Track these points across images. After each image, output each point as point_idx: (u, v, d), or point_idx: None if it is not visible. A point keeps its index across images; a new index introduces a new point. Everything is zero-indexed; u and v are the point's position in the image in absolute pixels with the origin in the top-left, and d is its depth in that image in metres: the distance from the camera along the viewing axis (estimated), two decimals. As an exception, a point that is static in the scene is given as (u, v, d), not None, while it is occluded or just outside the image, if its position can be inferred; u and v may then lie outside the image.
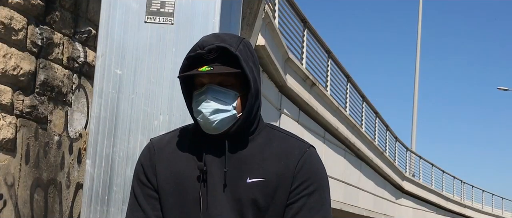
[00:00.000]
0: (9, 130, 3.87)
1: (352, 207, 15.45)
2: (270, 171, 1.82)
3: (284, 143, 1.87)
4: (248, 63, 1.81)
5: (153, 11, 3.37)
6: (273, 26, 9.04)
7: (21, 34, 3.98)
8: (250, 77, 1.80)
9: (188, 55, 1.82)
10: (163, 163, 1.87)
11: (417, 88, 28.51)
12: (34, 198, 4.13)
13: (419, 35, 28.72)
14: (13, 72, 3.91)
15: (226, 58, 1.80)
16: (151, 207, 1.87)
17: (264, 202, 1.81)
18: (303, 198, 1.83)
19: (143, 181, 1.89)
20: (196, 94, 1.83)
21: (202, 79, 1.82)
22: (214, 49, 1.79)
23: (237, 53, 1.79)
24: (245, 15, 6.22)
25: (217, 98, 1.80)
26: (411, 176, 23.60)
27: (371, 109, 18.78)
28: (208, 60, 1.79)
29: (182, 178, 1.84)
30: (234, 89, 1.82)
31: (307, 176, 1.84)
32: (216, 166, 1.82)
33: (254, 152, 1.84)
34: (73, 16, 4.52)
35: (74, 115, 4.56)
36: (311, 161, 1.86)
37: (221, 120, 1.80)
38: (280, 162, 1.84)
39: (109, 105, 3.39)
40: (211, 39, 1.82)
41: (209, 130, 1.82)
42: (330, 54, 14.14)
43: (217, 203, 1.81)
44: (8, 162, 3.88)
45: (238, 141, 1.84)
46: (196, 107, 1.82)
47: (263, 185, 1.81)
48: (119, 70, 3.39)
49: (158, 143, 1.92)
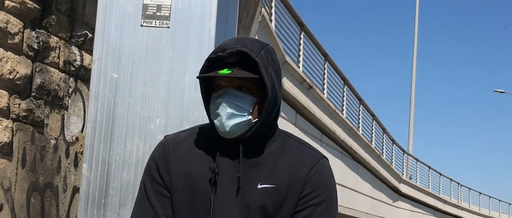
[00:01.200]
0: (5, 134, 3.87)
1: (350, 210, 15.45)
2: (281, 179, 1.83)
3: (298, 151, 1.88)
4: (267, 70, 1.81)
5: (149, 14, 3.37)
6: (269, 29, 9.05)
7: (17, 38, 3.97)
8: (268, 84, 1.80)
9: (209, 57, 1.82)
10: (177, 161, 1.87)
11: (413, 91, 28.56)
12: (31, 202, 4.13)
13: (416, 38, 28.78)
14: (9, 76, 3.91)
15: (247, 63, 1.80)
16: (161, 205, 1.86)
17: (273, 209, 1.81)
18: (311, 207, 1.83)
19: (156, 178, 1.89)
20: (214, 97, 1.83)
21: (220, 82, 1.83)
22: (235, 53, 1.79)
23: (257, 59, 1.79)
24: (241, 18, 6.22)
25: (233, 103, 1.80)
26: (408, 178, 23.62)
27: (368, 112, 18.79)
28: (228, 64, 1.80)
29: (194, 178, 1.84)
30: (252, 95, 1.83)
31: (316, 185, 1.84)
32: (229, 170, 1.82)
33: (267, 158, 1.85)
34: (70, 20, 4.52)
35: (71, 118, 4.55)
36: (322, 171, 1.87)
37: (236, 124, 1.80)
38: (292, 170, 1.84)
39: (106, 109, 3.38)
40: (233, 42, 1.82)
41: (224, 134, 1.82)
42: (327, 57, 14.16)
43: (226, 207, 1.81)
44: (4, 166, 3.87)
45: (253, 146, 1.84)
46: (213, 110, 1.82)
47: (273, 192, 1.82)
48: (116, 74, 3.39)
49: (173, 141, 1.92)
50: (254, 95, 1.83)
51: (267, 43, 1.89)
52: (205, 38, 3.36)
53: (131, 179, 3.32)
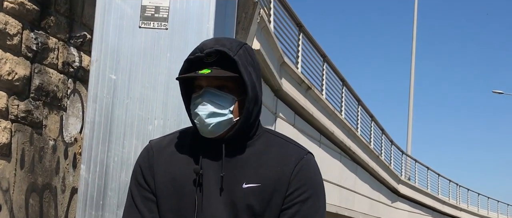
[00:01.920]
0: (4, 135, 3.88)
1: (348, 210, 15.46)
2: (266, 177, 1.82)
3: (282, 148, 1.87)
4: (247, 68, 1.81)
5: (147, 16, 3.38)
6: (268, 30, 9.06)
7: (16, 39, 3.98)
8: (248, 83, 1.80)
9: (188, 58, 1.82)
10: (162, 165, 1.87)
11: (412, 92, 28.57)
12: (29, 202, 4.13)
13: (414, 38, 28.80)
14: (8, 77, 3.91)
15: (226, 62, 1.80)
16: (148, 209, 1.87)
17: (260, 208, 1.81)
18: (297, 204, 1.82)
19: (141, 183, 1.89)
20: (194, 97, 1.84)
21: (200, 82, 1.83)
22: (213, 52, 1.79)
23: (236, 58, 1.79)
24: (240, 20, 6.23)
25: (214, 102, 1.80)
26: (406, 179, 23.63)
27: (367, 113, 18.80)
28: (207, 64, 1.80)
29: (179, 181, 1.84)
30: (232, 94, 1.83)
31: (302, 182, 1.83)
32: (213, 170, 1.82)
33: (251, 157, 1.84)
34: (68, 21, 4.52)
35: (69, 119, 4.56)
36: (307, 167, 1.86)
37: (217, 123, 1.80)
38: (277, 168, 1.83)
39: (104, 110, 3.39)
40: (211, 43, 1.83)
41: (205, 133, 1.82)
42: (326, 58, 14.17)
43: (212, 208, 1.81)
44: (3, 167, 3.88)
45: (236, 145, 1.84)
46: (193, 110, 1.82)
47: (259, 190, 1.81)
48: (114, 75, 3.40)
49: (157, 145, 1.92)
50: (234, 94, 1.83)
51: (245, 42, 1.89)
52: (204, 39, 3.36)
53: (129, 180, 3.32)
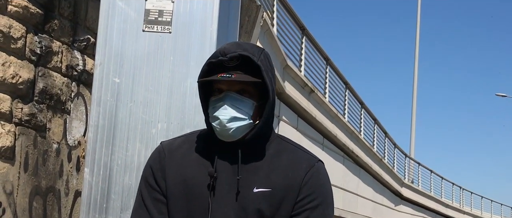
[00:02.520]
0: (8, 138, 3.89)
1: (351, 213, 15.44)
2: (277, 182, 1.84)
3: (293, 155, 1.89)
4: (268, 74, 1.83)
5: (151, 20, 3.39)
6: (271, 34, 9.07)
7: (20, 43, 3.99)
8: (269, 87, 1.82)
9: (209, 61, 1.83)
10: (173, 167, 1.88)
11: (415, 95, 28.56)
12: (33, 206, 4.14)
13: (417, 42, 28.78)
14: (12, 81, 3.93)
15: (247, 67, 1.82)
16: (158, 210, 1.87)
17: (269, 213, 1.82)
18: (307, 211, 1.84)
19: (151, 184, 1.89)
20: (214, 100, 1.84)
21: (221, 85, 1.84)
22: (237, 57, 1.80)
23: (259, 63, 1.81)
24: (243, 23, 6.24)
25: (235, 106, 1.82)
26: (410, 182, 23.59)
27: (370, 116, 18.79)
28: (228, 68, 1.81)
29: (191, 183, 1.85)
30: (251, 99, 1.84)
31: (312, 189, 1.86)
32: (226, 174, 1.83)
33: (263, 162, 1.86)
34: (72, 25, 4.54)
35: (73, 122, 4.57)
36: (318, 175, 1.88)
37: (237, 127, 1.82)
38: (288, 173, 1.85)
39: (108, 114, 3.40)
40: (233, 47, 1.84)
41: (224, 137, 1.83)
42: (329, 61, 14.17)
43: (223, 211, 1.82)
44: (7, 170, 3.89)
45: (251, 149, 1.86)
46: (212, 113, 1.83)
47: (269, 195, 1.83)
48: (117, 79, 3.41)
49: (168, 146, 1.92)
50: (253, 99, 1.85)
51: (263, 48, 1.91)
52: (207, 43, 3.38)
53: (133, 184, 3.33)
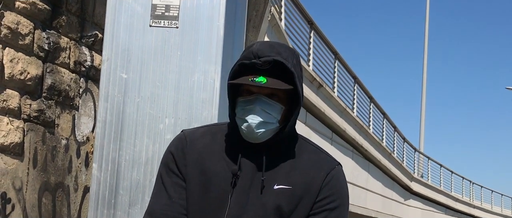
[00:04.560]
0: (16, 134, 3.90)
1: (360, 208, 15.42)
2: (297, 181, 1.86)
3: (314, 156, 1.92)
4: (299, 80, 1.84)
5: (158, 15, 3.39)
6: (279, 28, 9.05)
7: (28, 39, 4.00)
8: (301, 94, 1.84)
9: (242, 62, 1.82)
10: (194, 156, 1.88)
11: (424, 89, 28.45)
12: (42, 201, 4.16)
13: (427, 36, 28.66)
14: (20, 77, 3.94)
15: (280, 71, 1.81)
16: (179, 196, 1.87)
17: (288, 210, 1.84)
18: (325, 211, 1.87)
19: (173, 169, 1.90)
20: (243, 102, 1.84)
21: (251, 88, 1.84)
22: (270, 62, 1.80)
23: (293, 69, 1.81)
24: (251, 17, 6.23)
25: (265, 111, 1.82)
26: (419, 177, 23.53)
27: (379, 110, 18.74)
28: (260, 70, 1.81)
29: (210, 175, 1.86)
30: (280, 102, 1.85)
31: (332, 191, 1.88)
32: (248, 171, 1.85)
33: (285, 161, 1.88)
34: (80, 20, 4.54)
35: (82, 118, 4.58)
36: (338, 177, 1.91)
37: (264, 131, 1.83)
38: (309, 173, 1.88)
39: (115, 109, 3.40)
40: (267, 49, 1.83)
41: (251, 139, 1.84)
42: (337, 55, 14.13)
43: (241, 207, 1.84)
44: (16, 166, 3.90)
45: (274, 149, 1.88)
46: (242, 115, 1.83)
47: (289, 193, 1.85)
48: (125, 74, 3.41)
49: (190, 135, 1.93)
50: (282, 103, 1.86)
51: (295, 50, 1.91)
52: (214, 38, 3.37)
53: (141, 179, 3.34)
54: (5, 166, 3.82)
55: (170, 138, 3.27)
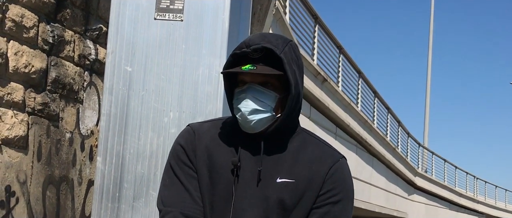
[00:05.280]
0: (21, 127, 3.90)
1: (364, 203, 15.42)
2: (300, 174, 1.86)
3: (318, 149, 1.91)
4: (291, 66, 1.83)
5: (162, 8, 3.38)
6: (284, 22, 9.03)
7: (32, 32, 3.99)
8: (291, 81, 1.82)
9: (233, 53, 1.84)
10: (201, 149, 1.89)
11: (429, 84, 28.39)
12: (46, 195, 4.16)
13: (431, 30, 28.58)
14: (24, 70, 3.93)
15: (271, 59, 1.82)
16: (193, 187, 1.87)
17: (291, 203, 1.84)
18: (329, 205, 1.86)
19: (185, 161, 1.90)
20: (237, 92, 1.86)
21: (244, 77, 1.85)
22: (260, 49, 1.81)
23: (282, 55, 1.81)
24: (255, 11, 6.21)
25: (257, 99, 1.83)
26: (423, 172, 23.51)
27: (383, 105, 18.71)
28: (252, 60, 1.82)
29: (216, 167, 1.86)
30: (275, 91, 1.85)
31: (336, 184, 1.87)
32: (250, 163, 1.85)
33: (288, 154, 1.87)
34: (84, 14, 4.53)
35: (86, 112, 4.58)
36: (342, 170, 1.90)
37: (258, 120, 1.83)
38: (312, 167, 1.87)
39: (120, 102, 3.40)
40: (258, 38, 1.84)
41: (247, 129, 1.85)
42: (342, 50, 14.10)
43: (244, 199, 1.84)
44: (20, 159, 3.90)
45: (275, 141, 1.87)
46: (236, 105, 1.85)
47: (292, 186, 1.84)
48: (129, 67, 3.40)
49: (198, 129, 1.94)
50: (277, 91, 1.85)
51: (291, 40, 1.90)
52: (219, 31, 3.36)
53: (145, 172, 3.33)
54: (10, 159, 3.82)
55: (174, 132, 3.26)
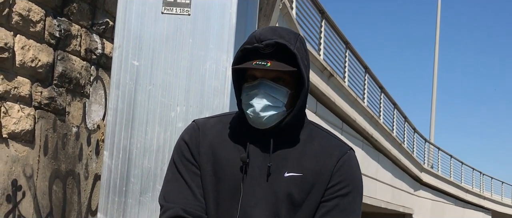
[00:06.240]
0: (27, 122, 3.89)
1: (370, 198, 15.40)
2: (308, 168, 1.83)
3: (325, 141, 1.88)
4: (303, 62, 1.80)
5: (169, 2, 3.36)
6: (290, 17, 9.00)
7: (39, 26, 3.99)
8: (305, 76, 1.80)
9: (244, 47, 1.81)
10: (206, 145, 1.87)
11: (435, 80, 28.31)
12: (53, 189, 4.16)
13: (438, 26, 28.48)
14: (31, 64, 3.93)
15: (282, 54, 1.79)
16: (196, 184, 1.86)
17: (299, 197, 1.82)
18: (337, 198, 1.83)
19: (188, 158, 1.88)
20: (248, 87, 1.82)
21: (255, 72, 1.82)
22: (272, 44, 1.78)
23: (295, 51, 1.78)
24: (262, 6, 6.19)
25: (269, 95, 1.80)
26: (429, 167, 23.46)
27: (390, 100, 18.66)
28: (263, 55, 1.78)
29: (222, 163, 1.84)
30: (286, 87, 1.82)
31: (344, 177, 1.85)
32: (258, 159, 1.83)
33: (295, 147, 1.85)
34: (91, 8, 4.52)
35: (92, 106, 4.57)
36: (350, 163, 1.88)
37: (270, 115, 1.80)
38: (320, 160, 1.84)
39: (127, 97, 3.39)
40: (269, 33, 1.81)
41: (257, 125, 1.82)
42: (348, 45, 14.06)
43: (253, 195, 1.82)
44: (26, 154, 3.90)
45: (283, 136, 1.84)
46: (246, 100, 1.81)
47: (300, 180, 1.82)
48: (136, 62, 3.39)
49: (203, 125, 1.92)
50: (288, 87, 1.82)
51: (299, 33, 1.87)
52: (226, 25, 3.34)
53: (152, 167, 3.32)
54: (16, 153, 3.82)
55: (181, 126, 3.25)
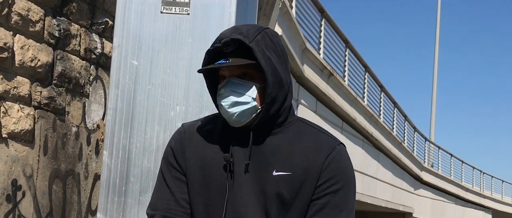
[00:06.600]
0: (27, 121, 3.89)
1: (370, 197, 15.40)
2: (297, 166, 1.80)
3: (314, 138, 1.85)
4: (264, 54, 1.78)
5: (169, 1, 3.36)
6: (290, 16, 9.00)
7: (38, 26, 3.99)
8: (265, 68, 1.77)
9: (208, 50, 1.81)
10: (193, 149, 1.87)
11: (435, 79, 28.31)
12: (53, 189, 4.16)
13: (438, 24, 28.48)
14: (30, 64, 3.93)
15: (244, 50, 1.78)
16: (180, 190, 1.86)
17: (289, 196, 1.79)
18: (328, 195, 1.80)
19: (173, 164, 1.88)
20: (219, 89, 1.83)
21: (223, 73, 1.82)
22: (229, 41, 1.77)
23: (252, 44, 1.76)
24: (262, 5, 6.19)
25: (235, 91, 1.79)
26: (429, 166, 23.47)
27: (390, 99, 18.66)
28: (227, 54, 1.78)
29: (209, 165, 1.84)
30: (254, 81, 1.80)
31: (334, 173, 1.81)
32: (242, 158, 1.81)
33: (282, 145, 1.82)
34: (90, 7, 4.52)
35: (92, 106, 4.57)
36: (339, 158, 1.84)
37: (241, 112, 1.79)
38: (308, 157, 1.81)
39: (126, 96, 3.39)
40: (229, 31, 1.81)
41: (233, 123, 1.81)
42: (348, 44, 14.06)
43: (242, 195, 1.80)
44: (26, 153, 3.90)
45: (265, 133, 1.83)
46: (219, 101, 1.82)
47: (289, 179, 1.79)
48: (136, 61, 3.39)
49: (189, 128, 1.92)
50: (257, 82, 1.81)
51: (266, 27, 1.85)
52: (225, 25, 3.34)
53: (152, 166, 3.32)
54: (16, 153, 3.82)
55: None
